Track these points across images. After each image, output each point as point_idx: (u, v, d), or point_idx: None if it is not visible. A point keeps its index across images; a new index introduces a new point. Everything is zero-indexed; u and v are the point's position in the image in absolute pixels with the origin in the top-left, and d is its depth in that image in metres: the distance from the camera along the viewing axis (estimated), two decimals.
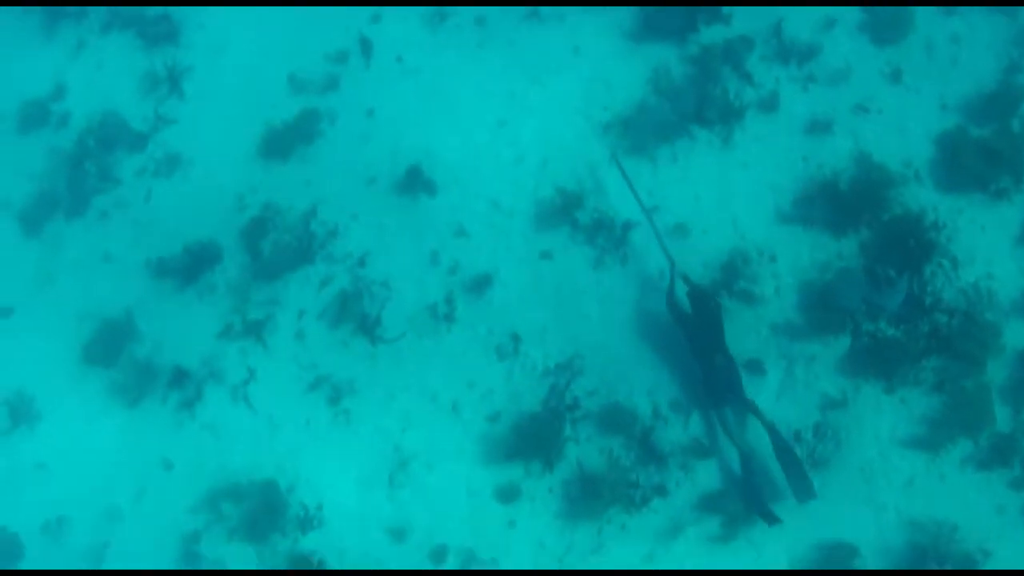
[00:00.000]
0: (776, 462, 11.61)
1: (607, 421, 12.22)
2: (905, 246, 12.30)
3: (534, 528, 11.97)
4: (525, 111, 14.03)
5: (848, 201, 12.73)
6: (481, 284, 13.05)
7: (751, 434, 12.01)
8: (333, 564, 12.16)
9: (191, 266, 14.01)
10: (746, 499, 11.55)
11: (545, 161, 13.59)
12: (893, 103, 13.33)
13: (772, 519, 11.27)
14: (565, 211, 13.28)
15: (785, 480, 11.51)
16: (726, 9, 13.98)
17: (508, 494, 12.09)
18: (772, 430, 11.63)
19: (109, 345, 13.91)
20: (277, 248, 13.75)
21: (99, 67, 16.06)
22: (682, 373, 12.43)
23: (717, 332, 12.10)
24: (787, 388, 12.06)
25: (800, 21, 13.93)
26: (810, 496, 11.35)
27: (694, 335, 12.21)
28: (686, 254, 12.61)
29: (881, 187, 12.75)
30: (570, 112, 13.86)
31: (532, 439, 12.07)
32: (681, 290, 12.50)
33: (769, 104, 13.48)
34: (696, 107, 13.52)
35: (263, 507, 12.54)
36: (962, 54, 13.48)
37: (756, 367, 12.19)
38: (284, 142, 14.37)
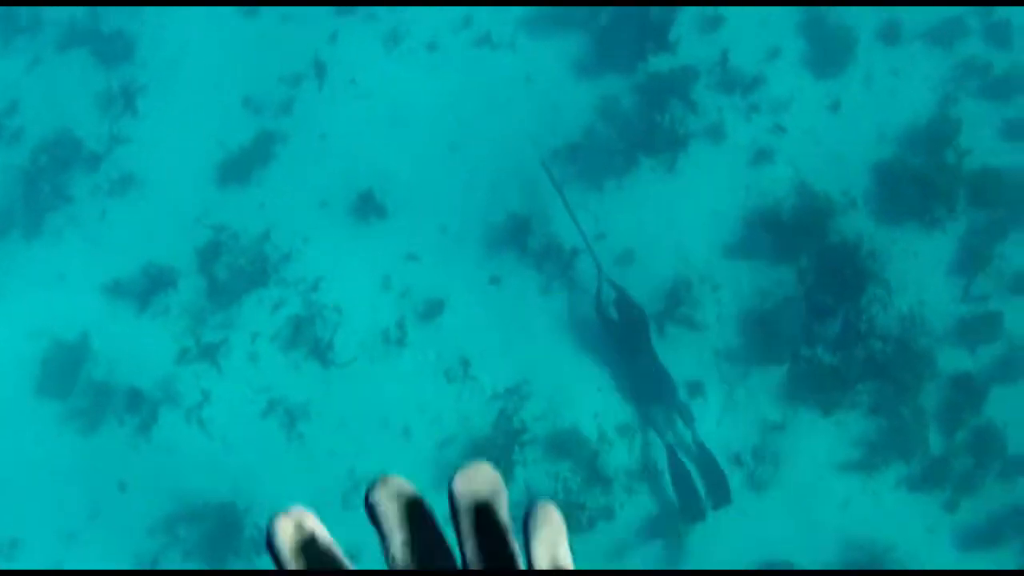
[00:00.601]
0: (695, 468, 12.34)
1: (555, 445, 12.63)
2: (842, 274, 12.74)
3: None
4: (475, 136, 14.23)
5: (788, 230, 13.26)
6: (432, 309, 13.38)
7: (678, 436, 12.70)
8: None
9: (146, 288, 14.20)
10: (679, 493, 12.22)
11: (495, 185, 13.93)
12: (833, 133, 13.74)
13: (719, 500, 12.13)
14: (514, 236, 13.60)
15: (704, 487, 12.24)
16: (672, 37, 14.27)
17: None
18: (695, 434, 12.57)
19: (64, 365, 14.09)
20: (231, 270, 14.08)
21: (53, 83, 16.04)
22: (622, 390, 12.79)
23: (644, 337, 12.74)
24: (728, 411, 12.62)
25: (745, 51, 14.27)
26: (725, 502, 12.10)
27: (621, 339, 12.83)
28: (631, 280, 13.19)
29: (819, 216, 13.27)
30: (519, 138, 14.11)
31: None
32: (608, 296, 13.12)
33: (713, 132, 13.97)
34: (642, 135, 13.82)
35: (219, 529, 12.92)
36: (900, 86, 13.91)
37: (697, 389, 12.69)
38: (238, 164, 14.75)
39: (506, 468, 12.66)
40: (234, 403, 13.66)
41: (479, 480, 1.05)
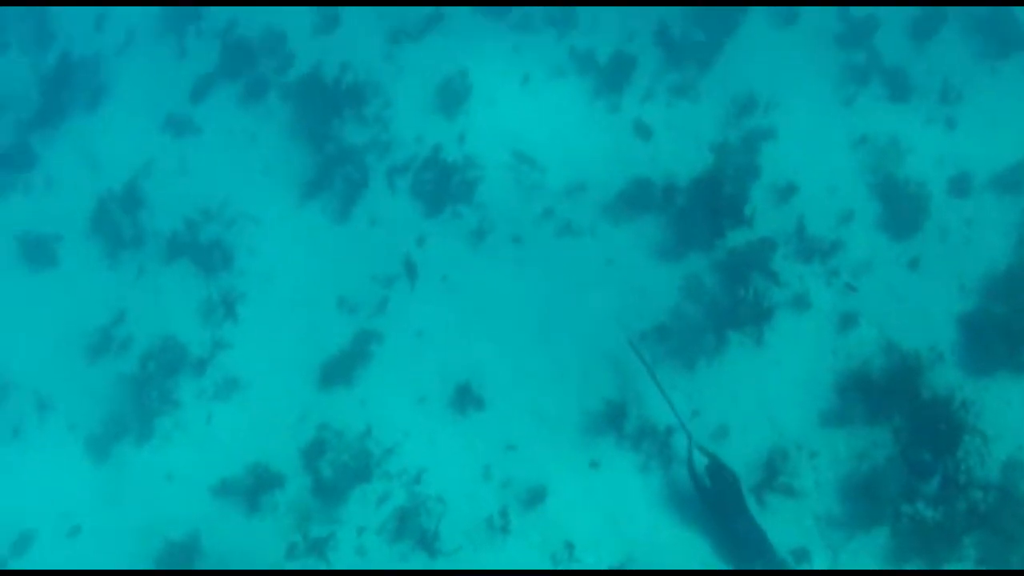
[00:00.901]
0: None
1: None
2: (936, 429, 13.39)
3: None
4: (564, 324, 15.51)
5: (879, 389, 13.91)
6: (534, 496, 14.25)
7: None
8: None
9: (253, 487, 15.29)
10: None
11: (586, 373, 14.96)
12: (914, 290, 14.61)
13: None
14: (610, 420, 14.52)
15: None
16: (748, 211, 15.38)
17: None
18: None
19: (176, 564, 15.14)
20: (335, 467, 15.08)
21: (158, 292, 17.55)
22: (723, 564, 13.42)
23: (738, 500, 13.40)
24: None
25: (819, 218, 15.45)
26: None
27: (715, 505, 13.51)
28: (728, 455, 13.79)
29: (909, 373, 13.90)
30: (608, 322, 15.18)
31: None
32: (700, 463, 13.75)
33: (796, 302, 14.87)
34: (727, 311, 14.80)
35: None
36: (975, 235, 14.80)
37: (803, 556, 13.31)
38: (337, 364, 15.84)
39: None
40: None
41: None
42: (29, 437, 16.85)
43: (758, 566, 13.22)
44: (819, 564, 13.17)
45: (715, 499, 13.58)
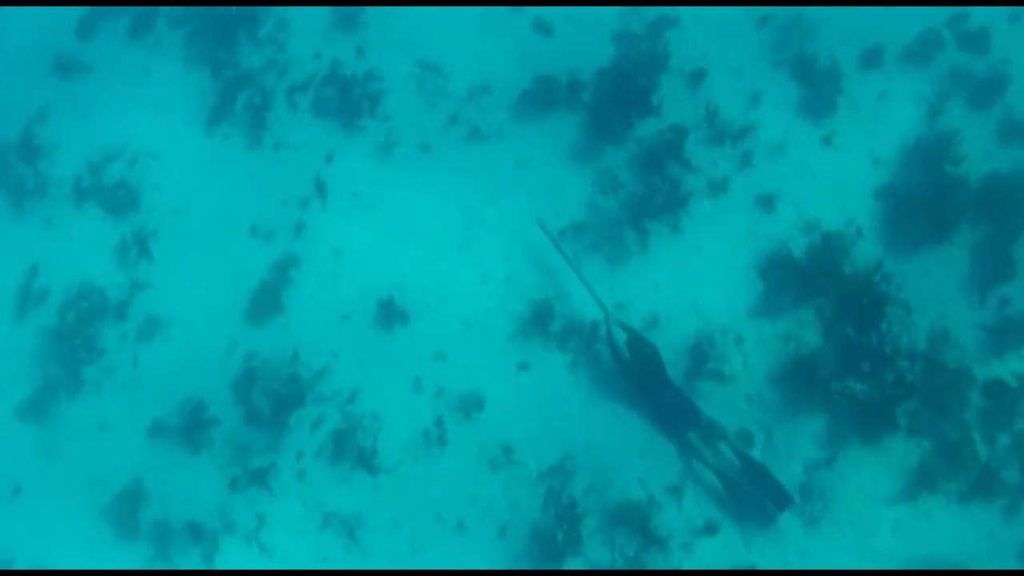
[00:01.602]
0: (748, 481, 13.20)
1: (607, 515, 13.51)
2: (859, 303, 13.63)
3: None
4: (482, 230, 15.38)
5: (800, 269, 14.15)
6: (467, 403, 14.35)
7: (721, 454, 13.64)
8: None
9: (188, 425, 15.24)
10: (743, 507, 13.19)
11: (508, 276, 15.00)
12: (828, 167, 14.73)
13: (782, 502, 12.98)
14: (535, 322, 14.60)
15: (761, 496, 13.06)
16: (655, 100, 15.37)
17: None
18: (735, 449, 13.42)
19: (123, 513, 15.13)
20: (267, 395, 15.04)
21: (68, 241, 17.25)
22: (666, 455, 13.66)
23: (660, 371, 13.76)
24: (769, 455, 13.41)
25: (728, 101, 15.66)
26: (788, 502, 12.96)
27: (640, 379, 13.83)
28: (656, 344, 13.93)
29: (829, 251, 14.11)
30: (524, 224, 15.19)
31: (540, 545, 13.39)
32: (620, 337, 14.01)
33: (711, 187, 14.95)
34: (642, 201, 14.87)
35: None
36: (888, 108, 14.93)
37: (742, 438, 13.56)
38: (258, 293, 15.73)
39: (562, 545, 13.43)
40: (290, 522, 14.57)
41: None
42: None
43: (689, 432, 13.66)
44: (755, 446, 13.24)
45: (638, 373, 13.86)
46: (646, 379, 13.79)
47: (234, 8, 17.82)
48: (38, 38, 19.02)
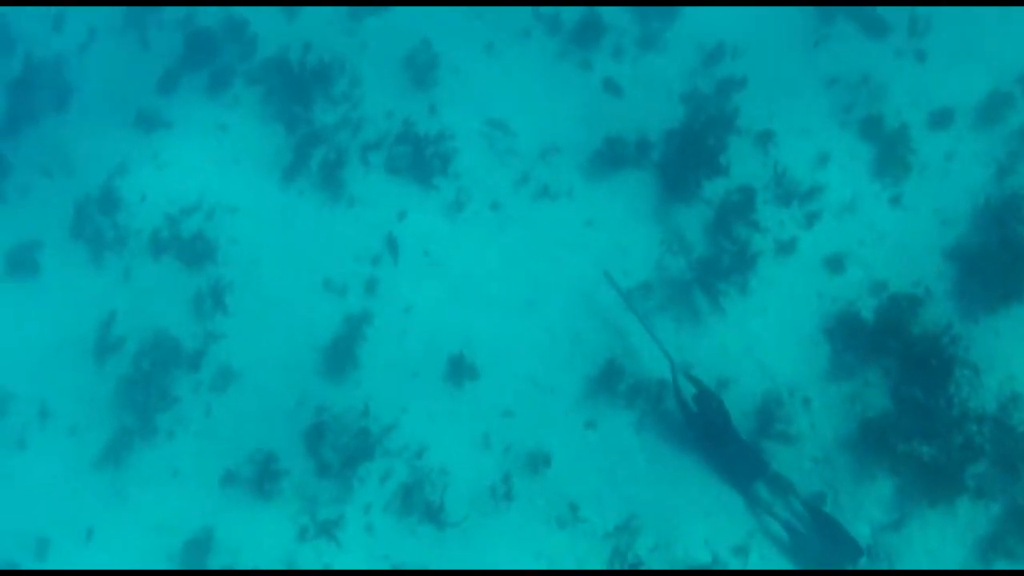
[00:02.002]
0: (817, 533, 13.26)
1: None
2: (927, 364, 13.70)
3: None
4: (550, 288, 15.70)
5: (868, 330, 14.24)
6: (534, 460, 14.60)
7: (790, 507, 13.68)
8: None
9: (258, 475, 15.63)
10: (811, 560, 13.24)
11: (576, 335, 15.29)
12: (897, 227, 14.89)
13: (853, 555, 13.01)
14: (602, 380, 14.87)
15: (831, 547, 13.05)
16: (724, 160, 15.63)
17: None
18: (803, 501, 13.47)
19: (192, 560, 15.50)
20: (336, 448, 15.40)
21: (146, 291, 17.81)
22: (732, 514, 13.81)
23: (726, 423, 13.84)
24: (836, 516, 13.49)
25: (796, 161, 15.90)
26: (859, 554, 13.00)
27: (707, 431, 13.96)
28: None
29: (897, 311, 14.19)
30: (592, 283, 15.48)
31: None
32: (687, 390, 14.20)
33: (779, 248, 15.16)
34: (710, 262, 15.12)
35: None
36: (954, 168, 15.06)
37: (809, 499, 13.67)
38: (329, 347, 16.13)
39: None
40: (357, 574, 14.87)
41: None
42: (34, 446, 17.11)
43: (757, 485, 13.76)
44: (824, 506, 13.40)
45: (705, 425, 13.96)
46: (713, 431, 13.86)
47: (309, 66, 18.18)
48: (121, 92, 19.69)
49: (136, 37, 20.27)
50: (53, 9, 21.15)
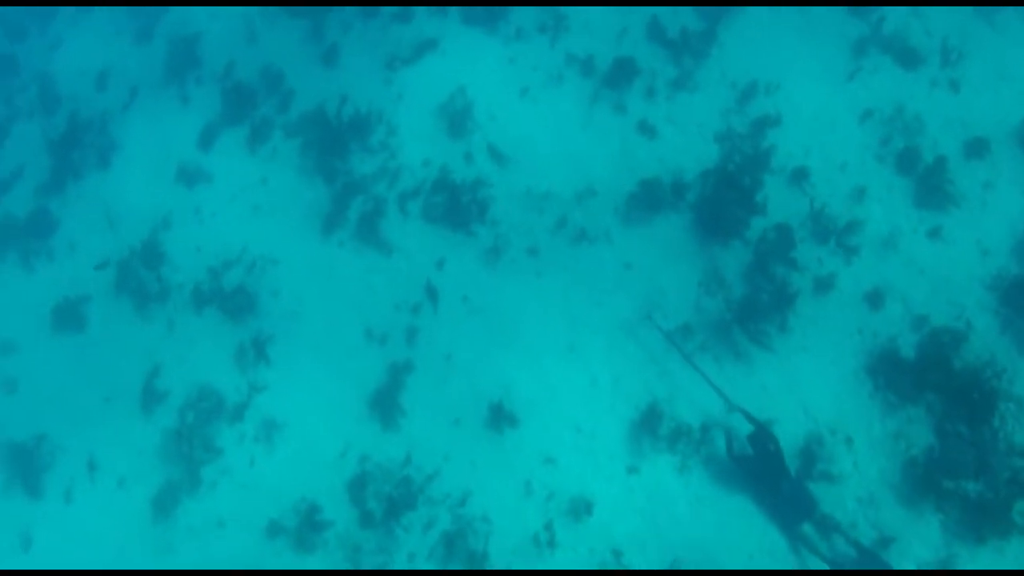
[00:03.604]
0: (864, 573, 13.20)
1: None
2: (970, 399, 13.79)
3: None
4: (590, 333, 15.92)
5: (909, 366, 14.31)
6: (576, 507, 14.81)
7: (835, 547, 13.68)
8: None
9: (302, 525, 15.95)
10: None
11: (617, 379, 15.52)
12: (936, 260, 15.03)
13: None
14: (644, 425, 15.07)
15: None
16: (760, 198, 15.86)
17: None
18: (850, 540, 13.52)
19: None
20: (379, 498, 15.71)
21: (189, 343, 18.27)
22: (775, 556, 13.90)
23: (780, 463, 13.91)
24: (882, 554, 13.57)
25: (832, 197, 16.13)
26: None
27: (760, 471, 14.05)
28: None
29: (938, 346, 14.28)
30: (633, 326, 15.75)
31: None
32: (742, 430, 14.36)
33: (817, 285, 15.31)
34: (748, 301, 15.29)
35: None
36: (992, 197, 15.20)
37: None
38: (372, 396, 16.46)
39: None
40: None
41: None
42: (82, 499, 17.43)
43: (805, 525, 13.85)
44: (872, 544, 13.47)
45: (758, 466, 14.11)
46: (768, 472, 13.99)
47: (346, 118, 18.72)
48: (162, 148, 20.29)
49: (176, 93, 20.86)
50: (97, 67, 21.80)
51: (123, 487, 17.26)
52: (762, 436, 13.95)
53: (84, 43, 22.81)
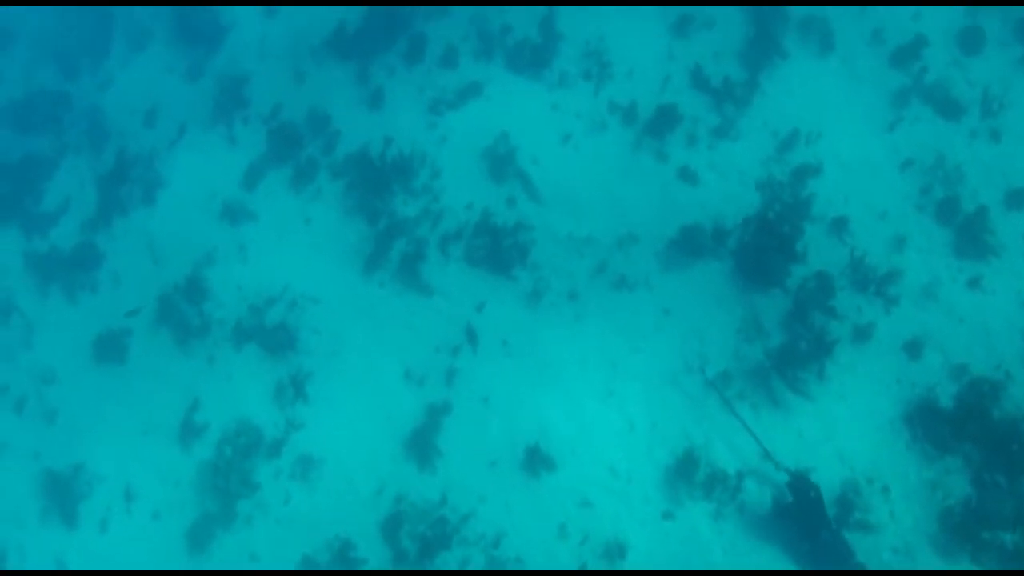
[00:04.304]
0: None
1: None
2: (1009, 450, 13.90)
3: None
4: (628, 378, 16.16)
5: (947, 415, 14.43)
6: (610, 551, 14.97)
7: None
8: None
9: (335, 562, 16.17)
10: None
11: (654, 424, 15.72)
12: (975, 310, 15.20)
13: None
14: (680, 470, 15.23)
15: None
16: (800, 247, 16.08)
17: None
18: None
19: None
20: (414, 537, 15.92)
21: (229, 379, 18.63)
22: None
23: (820, 511, 14.02)
24: None
25: (872, 246, 16.37)
26: None
27: (800, 520, 14.15)
28: None
29: (977, 396, 14.40)
30: (671, 372, 15.98)
31: None
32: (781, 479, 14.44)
33: (856, 333, 15.46)
34: (787, 349, 15.47)
35: None
36: None
37: None
38: (409, 436, 16.73)
39: None
40: None
41: None
42: (117, 527, 17.83)
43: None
44: None
45: (798, 514, 14.23)
46: (807, 519, 14.13)
47: (391, 160, 19.12)
48: (208, 186, 20.73)
49: (223, 132, 21.34)
50: (147, 105, 22.36)
51: (158, 519, 17.57)
52: (802, 484, 14.09)
53: (135, 81, 23.39)
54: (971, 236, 15.51)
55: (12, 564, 17.63)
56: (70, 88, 24.17)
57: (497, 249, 17.74)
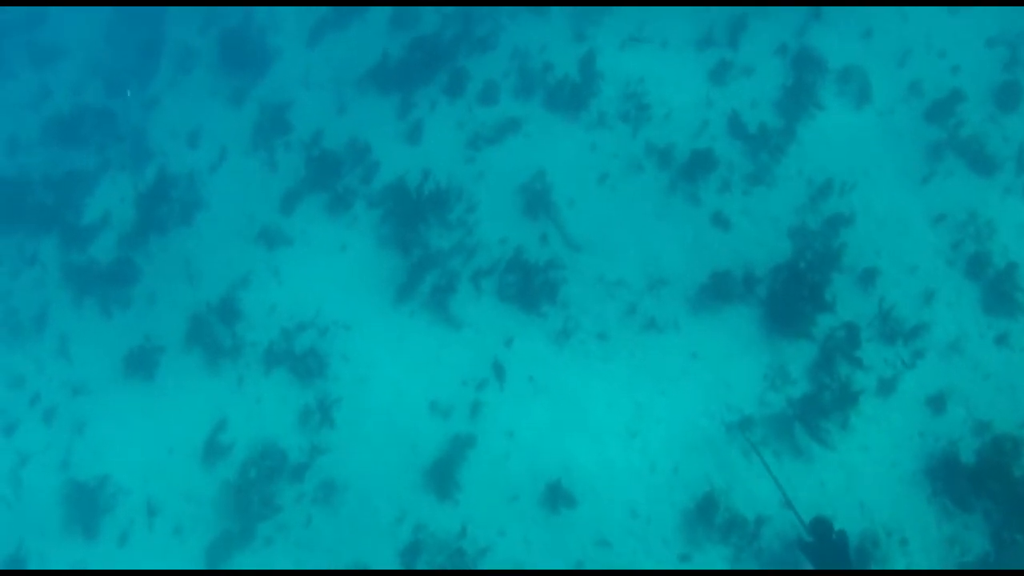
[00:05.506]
0: None
1: None
2: None
3: None
4: (653, 420, 16.41)
5: (969, 471, 14.57)
6: None
7: None
8: None
9: None
10: None
11: (676, 467, 15.95)
12: (1002, 366, 15.36)
13: None
14: (699, 514, 15.42)
15: None
16: (829, 296, 16.32)
17: None
18: None
19: None
20: (431, 567, 16.18)
21: (257, 400, 18.99)
22: None
23: (845, 558, 14.13)
24: None
25: (901, 298, 16.58)
26: None
27: (821, 561, 14.20)
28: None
29: (1000, 453, 14.54)
30: (695, 416, 16.22)
31: None
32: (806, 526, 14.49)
33: (881, 386, 15.66)
34: (812, 398, 15.68)
35: None
36: None
37: None
38: (430, 467, 17.00)
39: None
40: None
41: None
42: (137, 541, 18.18)
43: None
44: None
45: (820, 555, 14.28)
46: (828, 562, 14.14)
47: (427, 192, 19.53)
48: (246, 209, 21.18)
49: (264, 158, 21.82)
50: (190, 127, 22.90)
51: (178, 535, 17.89)
52: (825, 528, 14.23)
53: (180, 102, 23.94)
54: (1000, 293, 15.62)
55: None
56: (115, 106, 24.67)
57: (528, 286, 18.00)
